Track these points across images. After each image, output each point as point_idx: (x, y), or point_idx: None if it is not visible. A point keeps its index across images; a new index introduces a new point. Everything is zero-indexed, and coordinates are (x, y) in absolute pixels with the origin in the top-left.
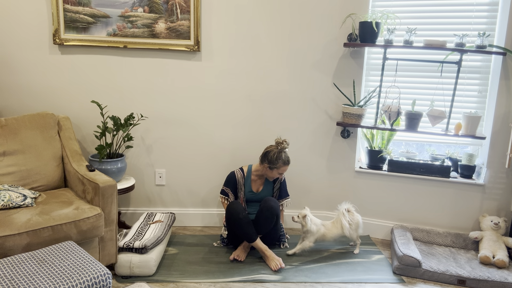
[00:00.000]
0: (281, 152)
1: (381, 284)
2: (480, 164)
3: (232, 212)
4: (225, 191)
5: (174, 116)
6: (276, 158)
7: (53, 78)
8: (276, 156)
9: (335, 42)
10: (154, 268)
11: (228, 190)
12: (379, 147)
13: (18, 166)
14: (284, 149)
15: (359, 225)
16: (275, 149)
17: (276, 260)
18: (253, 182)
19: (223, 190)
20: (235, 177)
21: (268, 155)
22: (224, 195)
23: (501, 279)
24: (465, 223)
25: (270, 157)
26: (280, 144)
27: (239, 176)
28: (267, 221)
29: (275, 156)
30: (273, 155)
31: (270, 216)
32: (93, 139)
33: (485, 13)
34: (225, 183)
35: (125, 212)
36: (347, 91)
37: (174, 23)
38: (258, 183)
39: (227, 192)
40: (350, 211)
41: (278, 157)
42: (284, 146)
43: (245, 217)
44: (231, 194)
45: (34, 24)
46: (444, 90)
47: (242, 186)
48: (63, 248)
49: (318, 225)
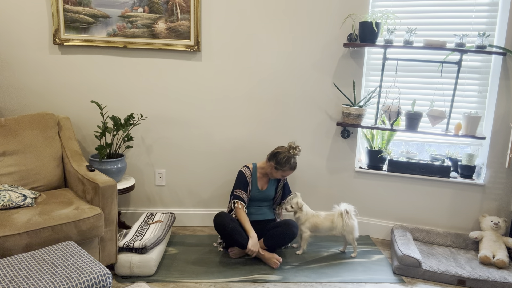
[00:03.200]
0: (291, 158)
1: (381, 284)
2: (480, 164)
3: (219, 225)
4: (239, 196)
5: (174, 116)
6: (285, 162)
7: (53, 78)
8: (285, 160)
9: (335, 42)
10: (154, 268)
11: (242, 193)
12: (379, 147)
13: (18, 166)
14: (295, 155)
15: (354, 229)
16: (287, 153)
17: (273, 258)
18: (259, 179)
19: (236, 195)
20: (245, 175)
21: (277, 156)
22: (239, 200)
23: (501, 279)
24: (465, 223)
25: (279, 158)
26: (293, 150)
27: (248, 174)
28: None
29: (284, 160)
30: (283, 157)
31: (288, 241)
32: (93, 139)
33: (485, 13)
34: (237, 185)
35: (125, 212)
36: (347, 91)
37: (174, 23)
38: (263, 181)
39: (241, 196)
40: (349, 213)
41: (287, 162)
42: (295, 152)
43: (232, 228)
44: (245, 196)
45: (34, 24)
46: (444, 90)
47: (251, 183)
48: (63, 248)
49: (310, 214)
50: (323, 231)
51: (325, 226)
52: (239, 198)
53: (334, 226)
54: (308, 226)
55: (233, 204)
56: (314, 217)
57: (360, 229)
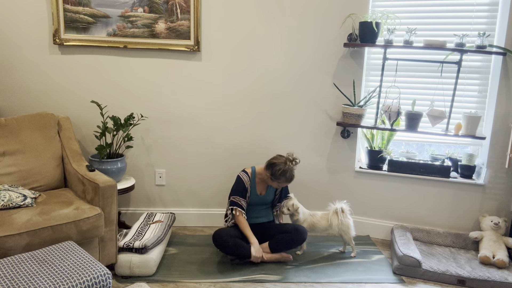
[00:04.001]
0: (287, 171)
1: (381, 284)
2: (480, 164)
3: (220, 246)
4: (238, 202)
5: (174, 116)
6: (280, 174)
7: (53, 78)
8: (280, 173)
9: (335, 42)
10: (154, 268)
11: (240, 199)
12: (379, 147)
13: (18, 166)
14: (291, 169)
15: (350, 227)
16: (282, 165)
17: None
18: (258, 184)
19: (233, 201)
20: (243, 181)
21: (273, 168)
22: (237, 206)
23: (501, 279)
24: (465, 223)
25: (274, 170)
26: (289, 163)
27: (246, 180)
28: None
29: (279, 172)
30: (278, 169)
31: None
32: (93, 139)
33: (485, 13)
34: (234, 191)
35: (125, 212)
36: (347, 91)
37: (174, 23)
38: (262, 186)
39: (239, 203)
40: (344, 212)
41: (282, 174)
42: (292, 166)
43: (232, 245)
44: (243, 202)
45: (34, 24)
46: (444, 90)
47: (249, 189)
48: (63, 248)
49: (306, 214)
50: (319, 230)
51: (321, 225)
52: (237, 205)
53: (330, 224)
54: (306, 226)
55: (232, 210)
56: (310, 217)
57: (360, 229)
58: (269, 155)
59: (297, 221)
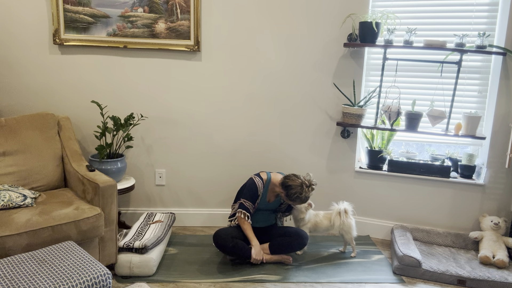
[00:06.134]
0: (302, 194)
1: (381, 284)
2: (480, 164)
3: (220, 247)
4: (247, 207)
5: (174, 116)
6: (295, 198)
7: (53, 78)
8: (295, 197)
9: (335, 42)
10: (154, 268)
11: (250, 205)
12: (379, 147)
13: (18, 166)
14: (306, 194)
15: (352, 228)
16: (299, 189)
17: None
18: (269, 192)
19: (243, 205)
20: (257, 189)
21: (288, 190)
22: (245, 211)
23: (501, 279)
24: (465, 223)
25: (290, 193)
26: (306, 188)
27: (260, 187)
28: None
29: (294, 196)
30: (293, 193)
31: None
32: (93, 139)
33: (485, 13)
34: (245, 195)
35: (125, 212)
36: (347, 91)
37: (174, 23)
38: (272, 195)
39: (248, 207)
40: (347, 213)
41: (297, 198)
42: (307, 192)
43: (233, 246)
44: (251, 208)
45: (34, 24)
46: (444, 90)
47: (260, 197)
48: (63, 248)
49: (311, 214)
50: (322, 230)
51: (324, 225)
52: (245, 209)
53: (332, 224)
54: (309, 227)
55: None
56: (314, 217)
57: (360, 229)
58: (269, 155)
59: (302, 220)
